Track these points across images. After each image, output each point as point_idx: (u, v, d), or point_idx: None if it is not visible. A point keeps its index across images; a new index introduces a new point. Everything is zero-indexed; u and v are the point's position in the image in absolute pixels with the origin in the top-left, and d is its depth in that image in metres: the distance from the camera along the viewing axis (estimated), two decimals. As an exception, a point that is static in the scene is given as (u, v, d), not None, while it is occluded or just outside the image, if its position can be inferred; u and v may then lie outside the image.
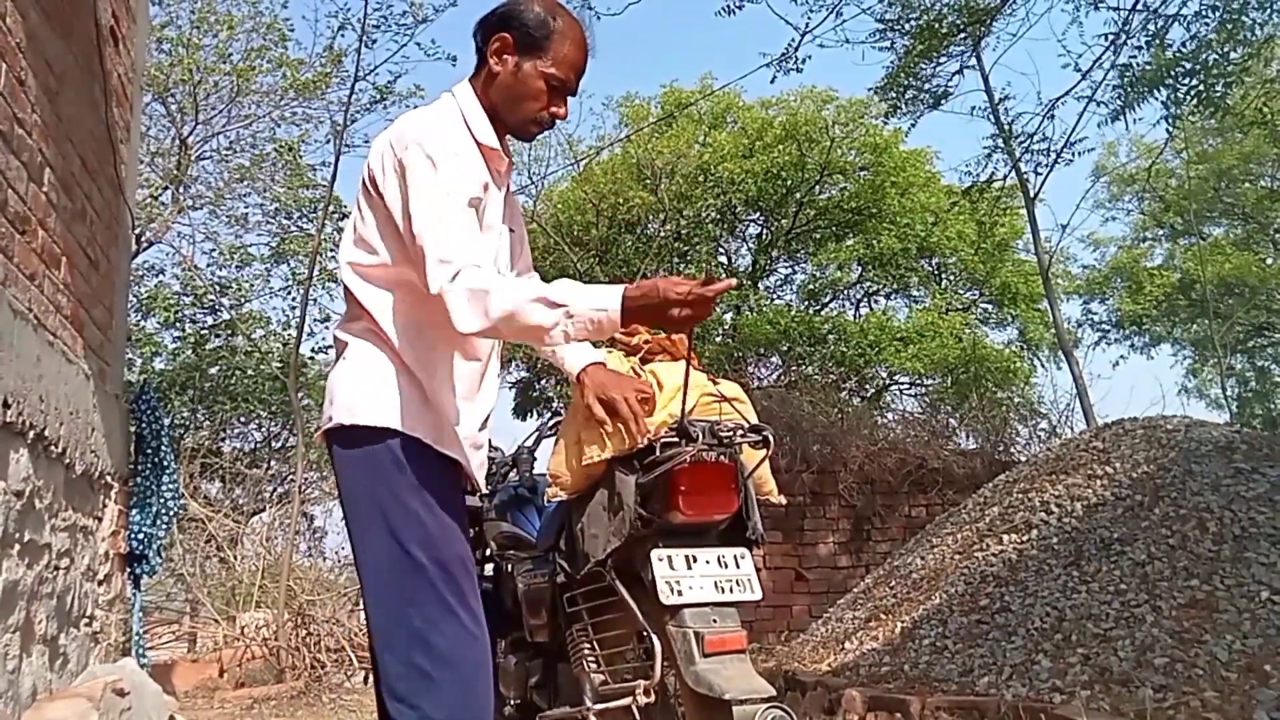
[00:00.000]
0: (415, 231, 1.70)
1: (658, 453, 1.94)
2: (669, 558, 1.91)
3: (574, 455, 2.08)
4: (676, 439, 1.96)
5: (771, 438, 1.99)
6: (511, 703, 2.44)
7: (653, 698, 1.95)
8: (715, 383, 2.14)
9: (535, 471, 2.63)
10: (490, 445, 2.36)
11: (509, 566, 2.47)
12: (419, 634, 1.72)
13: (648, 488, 1.96)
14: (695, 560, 1.93)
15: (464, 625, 1.76)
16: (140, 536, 3.63)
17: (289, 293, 13.67)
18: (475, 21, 1.93)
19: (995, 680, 3.94)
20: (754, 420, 2.06)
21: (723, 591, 1.92)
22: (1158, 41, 6.00)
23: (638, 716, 1.99)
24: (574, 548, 2.11)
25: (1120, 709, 3.38)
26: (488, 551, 2.58)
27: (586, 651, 2.16)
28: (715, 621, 1.89)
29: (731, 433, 1.97)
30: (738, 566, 1.96)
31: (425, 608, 1.73)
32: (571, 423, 2.12)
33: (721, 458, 1.95)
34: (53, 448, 2.65)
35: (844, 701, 4.15)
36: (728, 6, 6.40)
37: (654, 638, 1.90)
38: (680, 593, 1.88)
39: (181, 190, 11.56)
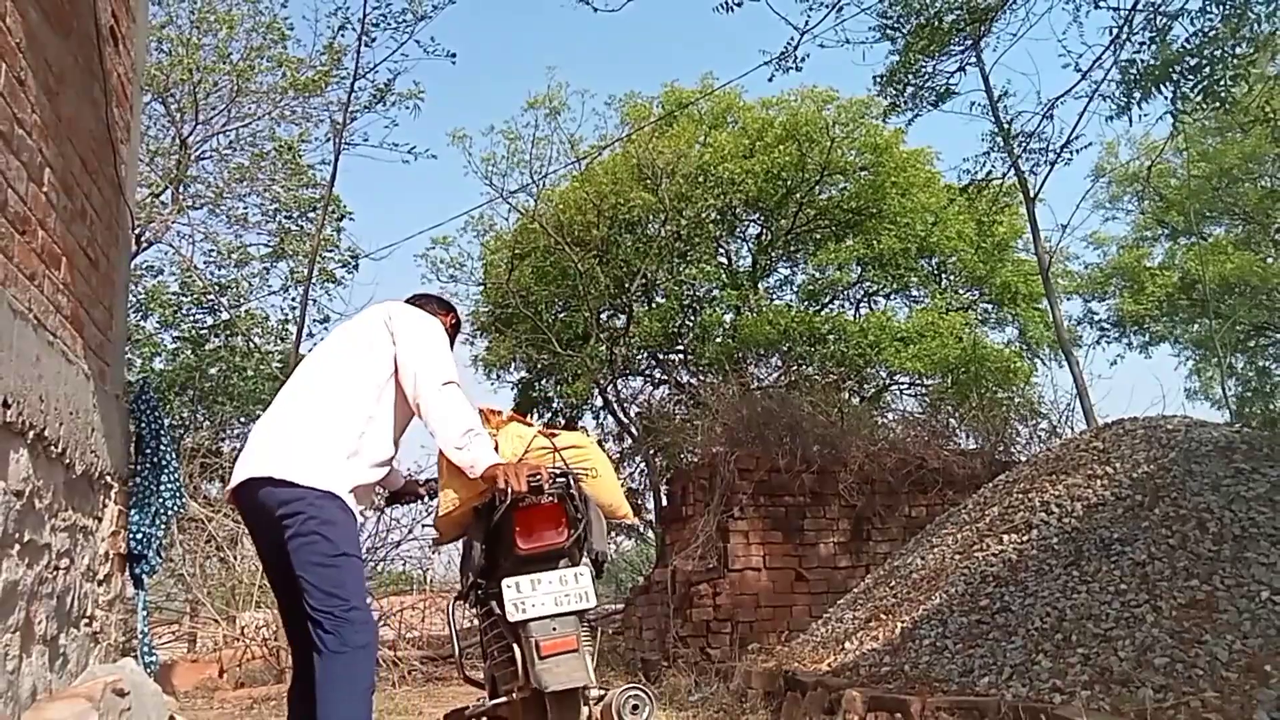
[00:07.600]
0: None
1: (496, 502, 2.44)
2: (516, 583, 2.45)
3: (443, 507, 2.67)
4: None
5: (572, 479, 2.55)
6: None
7: (527, 694, 2.43)
8: (552, 437, 2.74)
9: None
10: None
11: None
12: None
13: (496, 529, 2.50)
14: (540, 582, 2.45)
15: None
16: (139, 536, 3.62)
17: (288, 292, 13.67)
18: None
19: (995, 680, 3.94)
20: (589, 464, 2.67)
21: (560, 604, 2.43)
22: (1160, 38, 5.99)
23: (520, 709, 2.50)
24: (464, 580, 2.71)
25: (1120, 709, 3.38)
26: None
27: (495, 656, 2.64)
28: (555, 629, 2.41)
29: (551, 479, 2.48)
30: (576, 582, 2.48)
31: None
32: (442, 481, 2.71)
33: (551, 499, 2.47)
34: (53, 448, 2.65)
35: (844, 702, 4.15)
36: (725, 3, 6.37)
37: (514, 646, 2.45)
38: (524, 610, 2.41)
39: (181, 190, 11.55)
